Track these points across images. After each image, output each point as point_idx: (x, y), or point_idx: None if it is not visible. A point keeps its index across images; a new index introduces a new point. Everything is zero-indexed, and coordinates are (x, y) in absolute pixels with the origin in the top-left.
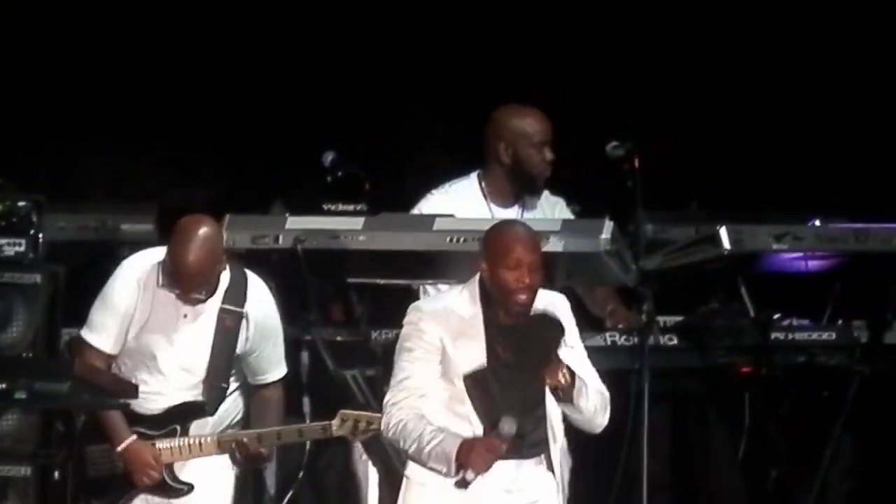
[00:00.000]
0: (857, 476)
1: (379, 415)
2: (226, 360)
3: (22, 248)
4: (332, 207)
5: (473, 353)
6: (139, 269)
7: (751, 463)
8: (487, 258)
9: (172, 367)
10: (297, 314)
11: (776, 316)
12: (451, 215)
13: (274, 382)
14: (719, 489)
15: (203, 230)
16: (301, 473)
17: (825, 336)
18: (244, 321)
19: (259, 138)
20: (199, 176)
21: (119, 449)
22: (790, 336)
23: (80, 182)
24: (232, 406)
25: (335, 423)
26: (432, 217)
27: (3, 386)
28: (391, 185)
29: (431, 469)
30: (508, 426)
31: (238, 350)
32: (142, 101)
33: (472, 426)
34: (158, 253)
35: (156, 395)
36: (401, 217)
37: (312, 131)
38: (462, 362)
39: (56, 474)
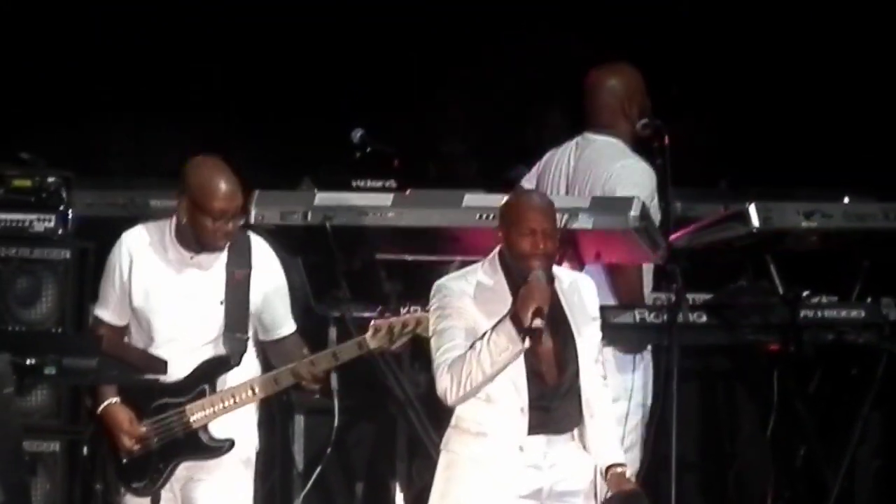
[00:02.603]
0: (885, 454)
1: (410, 315)
2: (242, 311)
3: (51, 224)
4: (361, 184)
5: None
6: (133, 239)
7: (779, 441)
8: (504, 226)
9: (187, 327)
10: (326, 291)
11: (805, 293)
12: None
13: (289, 335)
14: (747, 467)
15: (220, 161)
16: (329, 449)
17: (854, 314)
18: (253, 276)
19: (288, 115)
20: (227, 152)
21: (98, 412)
22: (819, 314)
23: (108, 158)
24: (251, 357)
25: (369, 335)
26: (461, 193)
27: (33, 361)
28: (420, 162)
29: (500, 364)
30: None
31: (251, 307)
32: (170, 78)
33: (516, 387)
34: (157, 223)
35: (178, 360)
36: (430, 193)
37: (342, 108)
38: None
39: (84, 450)
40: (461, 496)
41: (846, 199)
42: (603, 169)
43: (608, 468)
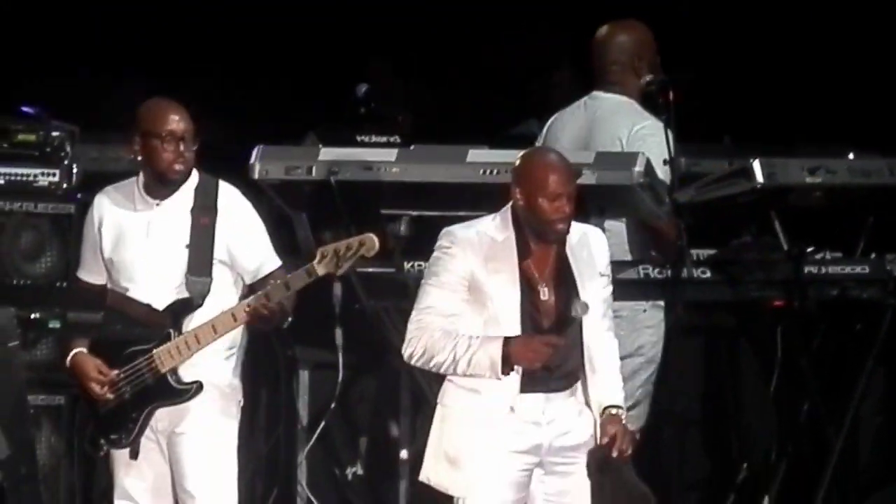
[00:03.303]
0: (888, 409)
1: (356, 237)
2: (206, 255)
3: (55, 179)
4: (366, 139)
5: (506, 276)
6: (103, 196)
7: (782, 396)
8: (522, 187)
9: (152, 272)
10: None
11: (809, 249)
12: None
13: (272, 272)
14: (750, 423)
15: (167, 98)
16: (333, 405)
17: (858, 269)
18: (219, 221)
19: (292, 70)
20: (231, 108)
21: (67, 363)
22: (823, 269)
23: (112, 113)
24: (222, 302)
25: (315, 261)
26: (465, 148)
27: (37, 315)
28: (424, 118)
29: (472, 376)
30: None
31: (220, 252)
32: (174, 34)
33: None
34: (128, 181)
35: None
36: (434, 149)
37: (346, 63)
38: (495, 285)
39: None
40: (455, 450)
41: (851, 155)
42: (619, 128)
43: (604, 409)
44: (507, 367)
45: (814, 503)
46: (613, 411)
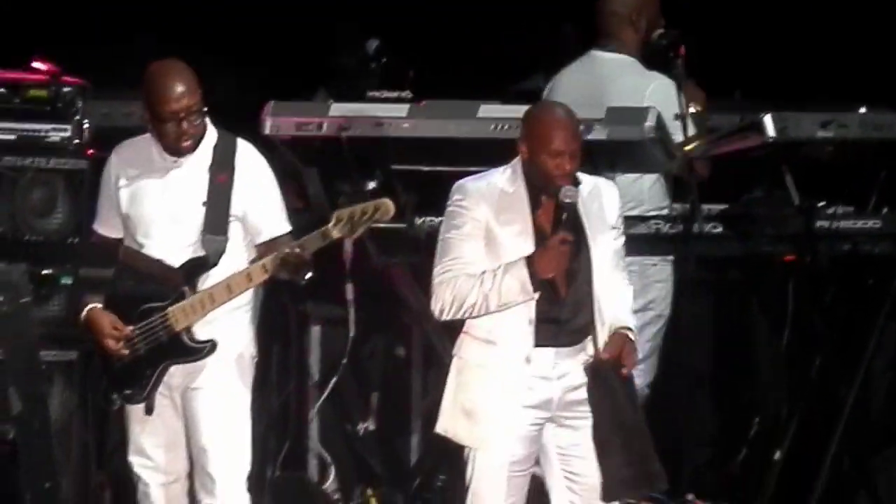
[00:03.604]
0: None
1: (371, 202)
2: (222, 213)
3: (67, 134)
4: (377, 95)
5: (518, 227)
6: (121, 150)
7: (794, 352)
8: (528, 142)
9: (169, 229)
10: (341, 202)
11: (820, 204)
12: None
13: (280, 237)
14: (762, 377)
15: (176, 61)
16: (345, 360)
17: (870, 224)
18: (236, 179)
19: (303, 25)
20: (243, 63)
21: (81, 319)
22: (834, 224)
23: (124, 68)
24: (236, 260)
25: (331, 224)
26: (476, 104)
27: (49, 271)
28: (435, 73)
29: (506, 305)
30: (570, 193)
31: (236, 210)
32: None
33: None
34: (147, 136)
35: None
36: (445, 104)
37: (357, 18)
38: (508, 236)
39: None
40: (470, 402)
41: (862, 109)
42: (626, 87)
43: (615, 330)
44: (535, 283)
45: (825, 458)
46: (623, 330)
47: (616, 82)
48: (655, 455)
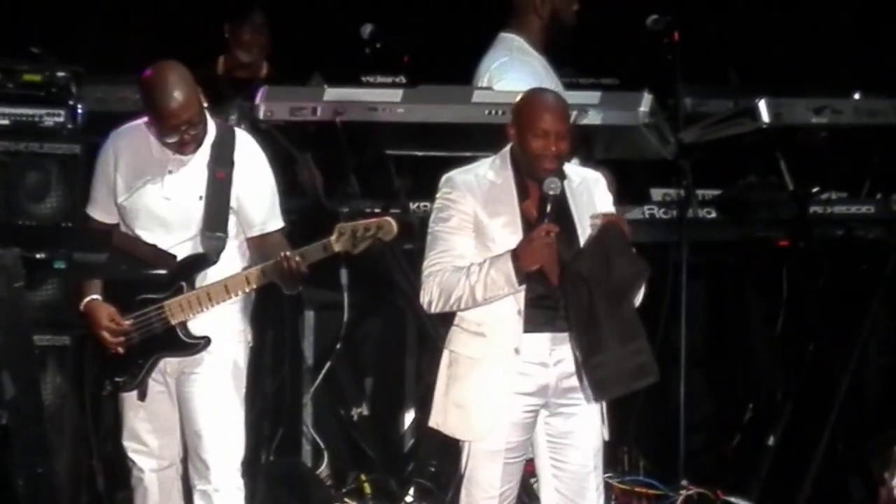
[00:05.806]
0: (894, 351)
1: (375, 220)
2: (222, 208)
3: (61, 119)
4: (371, 79)
5: (506, 218)
6: (120, 137)
7: (788, 337)
8: (516, 124)
9: (167, 223)
10: (335, 187)
11: (814, 189)
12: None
13: (272, 232)
14: (756, 363)
15: (173, 68)
16: (339, 345)
17: (864, 209)
18: (235, 172)
19: (298, 10)
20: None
21: (81, 309)
22: (828, 209)
23: (119, 54)
24: (234, 257)
25: (333, 237)
26: (470, 89)
27: (43, 255)
28: (430, 57)
29: (492, 298)
30: (553, 184)
31: (233, 203)
32: None
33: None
34: (143, 123)
35: None
36: (439, 89)
37: (352, 3)
38: (496, 227)
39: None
40: (461, 396)
41: (856, 95)
42: (484, 67)
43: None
44: (520, 276)
45: (819, 443)
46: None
47: (483, 62)
48: (648, 346)
